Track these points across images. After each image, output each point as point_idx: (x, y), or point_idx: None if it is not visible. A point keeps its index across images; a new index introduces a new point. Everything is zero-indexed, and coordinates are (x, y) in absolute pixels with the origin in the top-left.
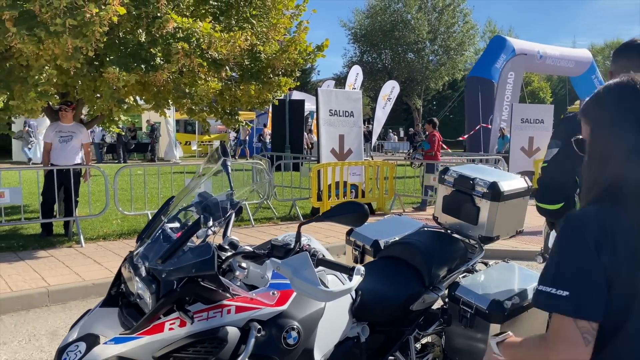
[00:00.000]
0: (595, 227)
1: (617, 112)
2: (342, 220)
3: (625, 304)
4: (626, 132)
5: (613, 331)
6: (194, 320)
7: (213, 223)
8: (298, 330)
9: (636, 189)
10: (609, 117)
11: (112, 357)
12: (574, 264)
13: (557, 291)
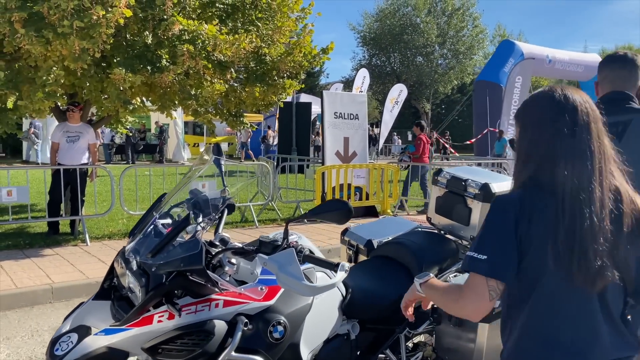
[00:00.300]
0: (517, 206)
1: (538, 119)
2: (327, 217)
3: (536, 271)
4: (544, 137)
5: (527, 295)
6: (182, 313)
7: (203, 219)
8: (284, 324)
9: (549, 184)
10: (532, 123)
11: (102, 347)
12: (494, 235)
13: (478, 255)
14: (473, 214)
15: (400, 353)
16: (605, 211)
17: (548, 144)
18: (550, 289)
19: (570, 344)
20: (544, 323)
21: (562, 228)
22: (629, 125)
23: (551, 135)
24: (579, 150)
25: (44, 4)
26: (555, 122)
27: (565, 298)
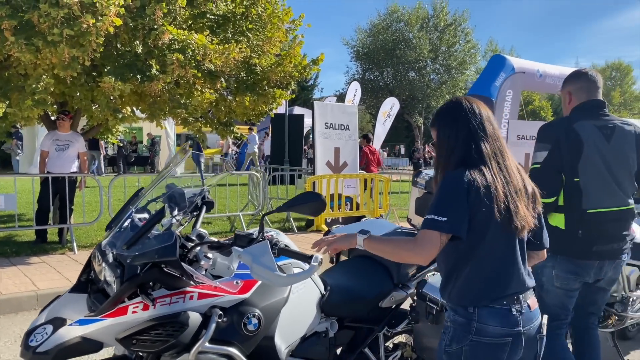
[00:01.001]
0: (465, 180)
1: (451, 120)
2: (301, 209)
3: (483, 227)
4: (463, 129)
5: (474, 249)
6: (156, 304)
7: (178, 212)
8: (259, 317)
9: (479, 162)
10: (446, 124)
11: (76, 337)
12: (451, 201)
13: (439, 217)
14: None
15: (379, 352)
16: (517, 177)
17: (468, 133)
18: (491, 238)
19: (501, 277)
20: (483, 264)
21: (499, 191)
22: (614, 131)
23: (469, 127)
24: (489, 135)
25: (34, 12)
26: (467, 118)
27: (499, 244)
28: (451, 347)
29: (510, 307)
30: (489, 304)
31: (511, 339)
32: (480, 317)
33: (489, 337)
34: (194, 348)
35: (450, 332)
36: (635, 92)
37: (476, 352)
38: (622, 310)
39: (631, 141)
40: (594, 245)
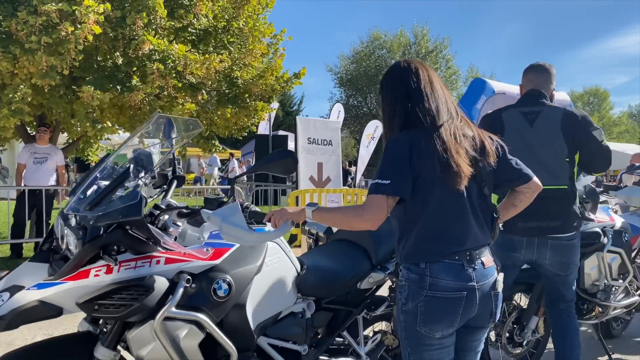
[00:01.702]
0: (407, 142)
1: (392, 86)
2: (272, 168)
3: (427, 187)
4: (399, 97)
5: (421, 209)
6: (121, 268)
7: (145, 175)
8: (229, 283)
9: (419, 123)
10: (387, 90)
11: (34, 301)
12: (393, 165)
13: (382, 181)
14: None
15: (358, 336)
16: (459, 133)
17: (408, 97)
18: (437, 198)
19: (451, 234)
20: (432, 222)
21: (440, 150)
22: (539, 115)
23: (409, 90)
24: (429, 96)
25: (11, 20)
26: (407, 82)
27: (447, 202)
28: (407, 306)
29: (463, 262)
30: (441, 259)
31: (465, 293)
32: (433, 271)
33: (442, 292)
34: (160, 313)
35: (405, 290)
36: (612, 117)
37: (431, 307)
38: (604, 300)
39: (556, 124)
40: (518, 220)
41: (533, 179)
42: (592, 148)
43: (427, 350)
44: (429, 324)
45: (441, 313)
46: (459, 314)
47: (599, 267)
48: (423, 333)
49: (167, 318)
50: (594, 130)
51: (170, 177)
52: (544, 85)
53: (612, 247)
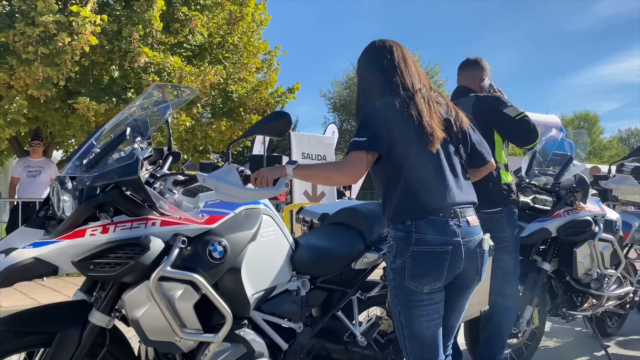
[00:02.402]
0: (384, 104)
1: (367, 63)
2: (266, 129)
3: (404, 149)
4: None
5: (401, 170)
6: (117, 228)
7: (140, 140)
8: (224, 246)
9: (395, 93)
10: (363, 67)
11: (30, 258)
12: (370, 125)
13: (360, 138)
14: None
15: (353, 316)
16: (433, 101)
17: (382, 71)
18: (415, 158)
19: (433, 192)
20: (414, 182)
21: (414, 114)
22: (458, 106)
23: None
24: (403, 70)
25: (9, 31)
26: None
27: (424, 163)
28: (395, 263)
29: (447, 219)
30: (425, 216)
31: (451, 248)
32: (418, 228)
33: (429, 246)
34: (155, 272)
35: (394, 248)
36: (603, 141)
37: (418, 261)
38: (597, 289)
39: (468, 110)
40: None
41: (490, 162)
42: (506, 124)
43: (417, 307)
44: (416, 278)
45: (428, 267)
46: (445, 267)
47: (591, 256)
48: (412, 288)
49: (162, 278)
50: (505, 108)
51: (166, 153)
52: (470, 79)
53: (604, 235)
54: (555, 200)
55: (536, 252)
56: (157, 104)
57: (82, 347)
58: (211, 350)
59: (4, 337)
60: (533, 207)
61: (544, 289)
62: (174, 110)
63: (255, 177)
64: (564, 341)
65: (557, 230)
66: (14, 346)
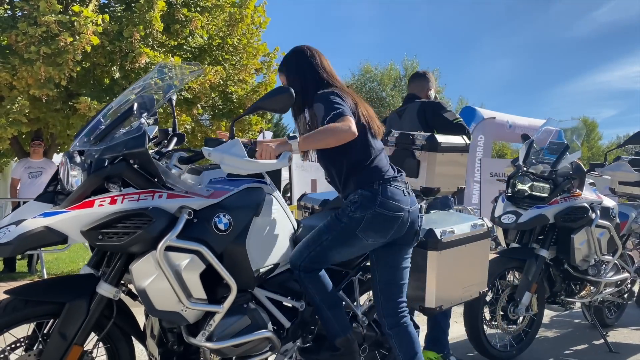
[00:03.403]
0: (334, 91)
1: (299, 62)
2: (269, 104)
3: (362, 129)
4: (307, 72)
5: (365, 144)
6: (125, 199)
7: (147, 115)
8: (229, 219)
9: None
10: (293, 68)
11: (40, 227)
12: (338, 99)
13: (337, 110)
14: (421, 165)
15: (355, 297)
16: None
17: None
18: (371, 138)
19: (388, 163)
20: (378, 153)
21: (358, 102)
22: (405, 110)
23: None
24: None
25: (11, 31)
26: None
27: (376, 142)
28: (355, 214)
29: (403, 189)
30: (390, 183)
31: (402, 215)
32: (384, 192)
33: (388, 211)
34: (162, 242)
35: (358, 203)
36: (602, 147)
37: (375, 220)
38: (595, 275)
39: (414, 114)
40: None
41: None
42: (444, 126)
43: (348, 246)
44: (368, 232)
45: (381, 226)
46: (393, 230)
47: (589, 242)
48: (358, 236)
49: (169, 248)
50: (445, 113)
51: (171, 134)
52: (419, 89)
53: (601, 221)
54: (552, 187)
55: (534, 240)
56: (162, 82)
57: (90, 318)
58: (216, 320)
59: (16, 306)
60: (531, 195)
61: (542, 276)
62: (179, 87)
63: (260, 150)
64: (563, 332)
65: (555, 217)
66: (24, 315)
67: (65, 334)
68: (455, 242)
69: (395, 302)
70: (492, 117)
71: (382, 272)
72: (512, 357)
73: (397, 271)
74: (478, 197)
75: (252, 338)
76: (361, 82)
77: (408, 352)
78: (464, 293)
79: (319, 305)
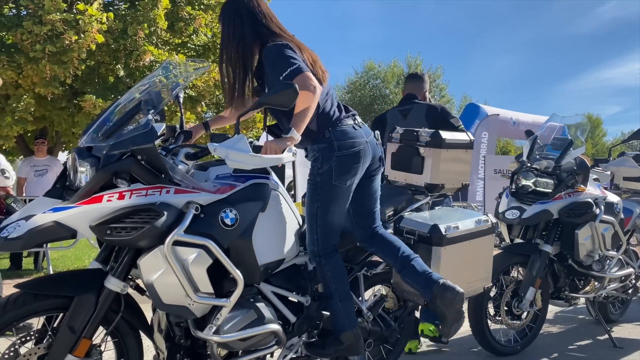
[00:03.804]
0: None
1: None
2: (273, 100)
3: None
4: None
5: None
6: (132, 195)
7: (154, 112)
8: (235, 214)
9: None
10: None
11: (50, 222)
12: (289, 54)
13: (294, 66)
14: (426, 162)
15: (360, 292)
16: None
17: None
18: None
19: (334, 105)
20: (323, 101)
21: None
22: (410, 110)
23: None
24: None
25: (17, 29)
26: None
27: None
28: (322, 169)
29: (352, 125)
30: (339, 125)
31: (362, 147)
32: (337, 136)
33: (348, 149)
34: (170, 236)
35: (319, 158)
36: (606, 143)
37: (342, 163)
38: (599, 270)
39: (422, 116)
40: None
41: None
42: (450, 130)
43: (336, 200)
44: (342, 176)
45: (349, 166)
46: (360, 163)
47: (593, 238)
48: (337, 185)
49: (176, 242)
50: (451, 118)
51: (178, 131)
52: (417, 90)
53: (605, 216)
54: (556, 183)
55: (538, 235)
56: (167, 80)
57: (98, 311)
58: (223, 314)
59: (25, 300)
60: (535, 190)
61: (546, 271)
62: (185, 84)
63: (264, 148)
64: (567, 327)
65: (559, 212)
66: (34, 309)
67: (73, 327)
68: (459, 237)
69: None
70: (496, 114)
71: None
72: (516, 352)
73: (374, 199)
74: (482, 194)
75: (259, 332)
76: (364, 79)
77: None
78: (469, 288)
79: (332, 294)
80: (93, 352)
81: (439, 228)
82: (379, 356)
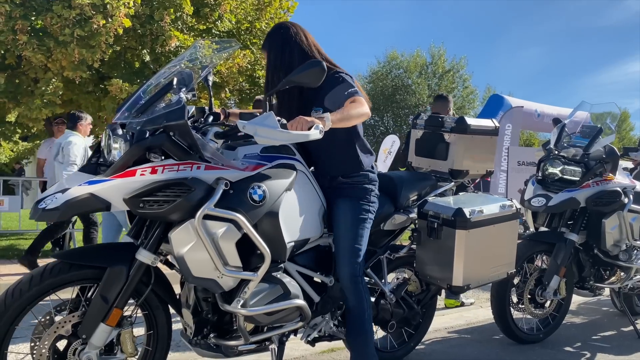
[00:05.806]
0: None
1: (282, 42)
2: (302, 78)
3: None
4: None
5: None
6: (165, 170)
7: (186, 90)
8: (264, 190)
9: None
10: (277, 45)
11: (86, 194)
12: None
13: (354, 88)
14: (450, 147)
15: (383, 275)
16: None
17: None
18: None
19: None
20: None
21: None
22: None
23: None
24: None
25: (47, 13)
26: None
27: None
28: (374, 191)
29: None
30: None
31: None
32: (374, 168)
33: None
34: (200, 210)
35: (369, 183)
36: (633, 137)
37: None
38: (626, 260)
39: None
40: None
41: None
42: None
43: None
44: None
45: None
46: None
47: (620, 227)
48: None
49: (207, 216)
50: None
51: (207, 113)
52: (443, 110)
53: (634, 206)
54: (584, 171)
55: (564, 224)
56: (198, 61)
57: (129, 283)
58: (250, 288)
59: (61, 269)
60: (561, 178)
61: (571, 260)
62: (215, 64)
63: (293, 122)
64: (591, 318)
65: (586, 201)
66: (68, 278)
67: (106, 297)
68: (484, 221)
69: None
70: (520, 105)
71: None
72: (538, 341)
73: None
74: (505, 186)
75: (284, 306)
76: (387, 69)
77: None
78: (492, 273)
79: (360, 314)
80: (124, 322)
81: (463, 211)
82: (401, 339)
